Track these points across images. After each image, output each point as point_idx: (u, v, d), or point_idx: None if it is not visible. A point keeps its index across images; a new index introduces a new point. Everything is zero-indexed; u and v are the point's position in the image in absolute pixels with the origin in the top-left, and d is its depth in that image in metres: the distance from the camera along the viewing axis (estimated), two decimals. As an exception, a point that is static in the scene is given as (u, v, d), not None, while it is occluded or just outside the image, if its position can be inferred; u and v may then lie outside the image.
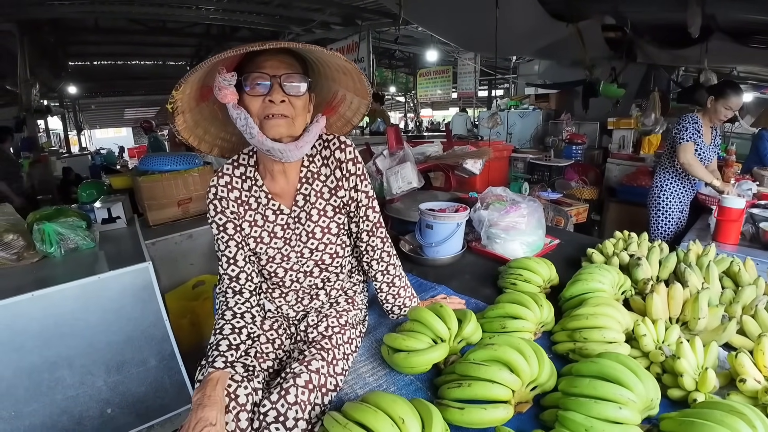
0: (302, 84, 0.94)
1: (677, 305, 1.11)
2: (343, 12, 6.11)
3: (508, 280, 1.35)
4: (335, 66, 1.02)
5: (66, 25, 6.52)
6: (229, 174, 1.05)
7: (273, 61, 0.91)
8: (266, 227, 1.07)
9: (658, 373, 0.93)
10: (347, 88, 1.09)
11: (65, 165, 6.91)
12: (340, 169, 1.06)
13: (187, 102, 0.96)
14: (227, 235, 1.03)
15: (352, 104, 1.13)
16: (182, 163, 2.70)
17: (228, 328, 0.97)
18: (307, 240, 1.09)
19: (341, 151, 1.06)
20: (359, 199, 1.09)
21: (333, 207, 1.09)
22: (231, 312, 1.00)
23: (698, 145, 2.58)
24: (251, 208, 1.06)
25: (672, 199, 2.77)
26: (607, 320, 1.01)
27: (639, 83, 5.77)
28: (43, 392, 1.59)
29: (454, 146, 2.69)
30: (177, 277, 2.45)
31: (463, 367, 0.87)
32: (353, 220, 1.13)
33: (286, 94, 0.92)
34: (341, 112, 1.16)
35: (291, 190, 1.07)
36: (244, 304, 1.03)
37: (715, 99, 2.51)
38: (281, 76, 0.91)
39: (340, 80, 1.07)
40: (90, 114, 15.50)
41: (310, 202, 1.08)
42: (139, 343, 1.74)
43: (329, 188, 1.08)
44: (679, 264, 1.33)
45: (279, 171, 1.04)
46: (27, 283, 1.62)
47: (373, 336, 1.20)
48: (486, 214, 1.68)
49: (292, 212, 1.08)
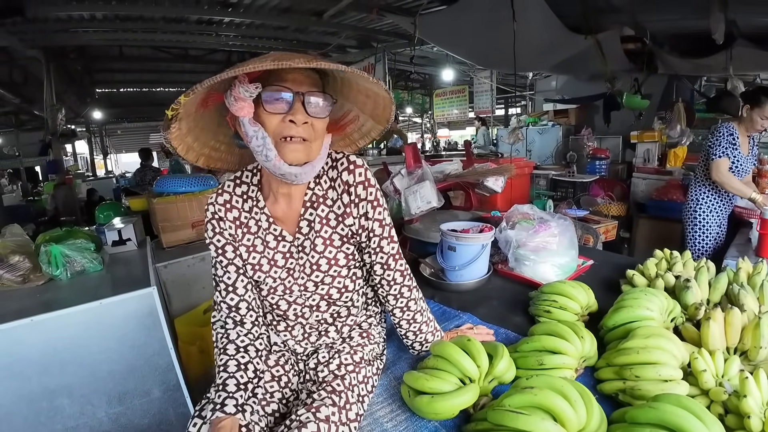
0: (327, 104, 0.84)
1: (735, 332, 0.97)
2: (359, 35, 6.16)
3: (542, 307, 1.21)
4: (362, 89, 0.92)
5: (92, 53, 6.77)
6: (230, 192, 0.95)
7: (296, 75, 0.81)
8: (266, 254, 0.96)
9: (720, 413, 0.80)
10: (363, 110, 0.98)
11: (89, 187, 7.10)
12: (348, 193, 0.94)
13: (186, 108, 0.87)
14: (226, 258, 0.93)
15: (363, 127, 1.02)
16: (197, 184, 2.68)
17: (233, 365, 0.88)
18: (311, 272, 0.97)
19: (349, 173, 0.93)
20: (371, 228, 0.96)
21: (340, 236, 0.96)
22: (234, 346, 0.91)
23: (735, 157, 2.42)
24: (250, 231, 0.95)
25: (709, 213, 2.60)
26: (662, 354, 0.88)
27: (661, 95, 5.62)
28: (41, 422, 1.51)
29: (475, 164, 2.60)
30: (188, 301, 2.38)
31: (498, 415, 0.74)
32: (365, 251, 0.99)
33: (309, 116, 0.81)
34: (348, 132, 1.04)
35: (294, 215, 0.96)
36: (246, 336, 0.93)
37: (751, 108, 2.36)
38: (305, 94, 0.80)
39: (356, 101, 0.96)
40: (116, 138, 16.08)
41: (314, 230, 0.95)
42: (142, 372, 1.65)
43: (336, 215, 0.96)
44: (731, 285, 1.20)
45: (284, 193, 0.93)
46: (29, 306, 1.56)
47: (391, 373, 1.07)
48: (513, 234, 1.55)
49: (296, 239, 0.96)
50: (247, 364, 0.89)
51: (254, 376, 0.89)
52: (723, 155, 2.41)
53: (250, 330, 0.94)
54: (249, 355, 0.90)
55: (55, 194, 6.10)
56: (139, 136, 17.05)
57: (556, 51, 4.55)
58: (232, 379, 0.85)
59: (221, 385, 0.84)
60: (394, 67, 7.46)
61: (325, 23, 5.20)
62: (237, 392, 0.83)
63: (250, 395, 0.87)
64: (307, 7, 4.87)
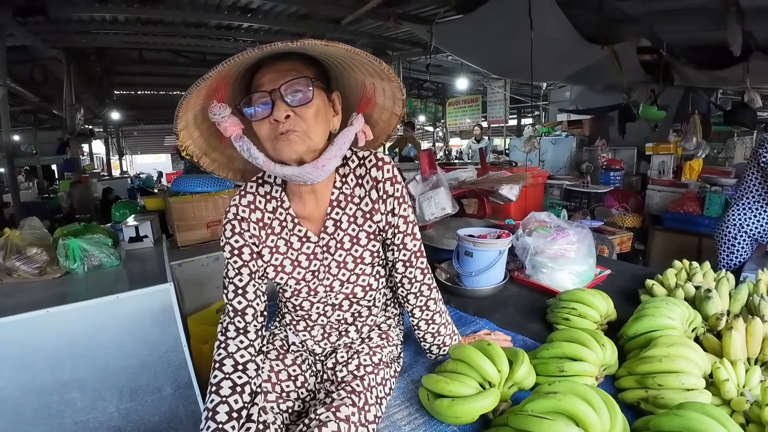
0: (307, 89, 0.79)
1: (757, 343, 0.97)
2: (374, 42, 6.20)
3: (560, 314, 1.20)
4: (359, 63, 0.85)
5: (112, 55, 6.88)
6: (253, 192, 0.93)
7: (271, 74, 0.79)
8: (289, 254, 0.95)
9: (741, 423, 0.79)
10: (371, 75, 0.89)
11: (105, 186, 7.22)
12: (376, 189, 0.92)
13: (206, 143, 0.90)
14: (241, 260, 0.91)
15: (385, 91, 0.94)
16: (214, 185, 2.71)
17: (227, 386, 0.81)
18: (338, 272, 0.96)
19: (378, 169, 0.92)
20: (397, 224, 0.95)
21: (367, 233, 0.95)
22: (232, 361, 0.84)
23: None
24: (274, 232, 0.94)
25: (748, 235, 2.41)
26: (685, 363, 0.87)
27: (677, 107, 5.59)
28: (51, 414, 1.50)
29: (489, 171, 2.59)
30: (201, 300, 2.40)
31: (520, 420, 0.72)
32: (389, 247, 0.99)
33: (290, 107, 0.78)
34: (379, 103, 0.97)
35: (320, 214, 0.94)
36: (247, 349, 0.87)
37: None
38: (280, 88, 0.77)
39: (360, 68, 0.88)
40: (132, 140, 16.32)
41: (341, 229, 0.94)
42: (155, 368, 1.65)
43: (363, 212, 0.94)
44: (751, 296, 1.19)
45: (308, 191, 0.91)
46: (45, 298, 1.57)
47: (408, 376, 1.06)
48: (531, 240, 1.53)
49: (320, 240, 0.95)
50: (244, 385, 0.82)
51: (250, 400, 0.82)
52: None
53: (253, 342, 0.89)
54: (247, 374, 0.84)
55: (71, 192, 6.21)
56: (155, 138, 17.31)
57: (572, 61, 4.56)
58: (224, 405, 0.78)
59: (211, 412, 0.78)
60: (408, 75, 7.50)
61: (341, 30, 5.25)
62: (228, 422, 0.76)
63: (245, 422, 0.79)
64: (324, 14, 4.92)
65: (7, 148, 4.28)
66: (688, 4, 3.37)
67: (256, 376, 0.87)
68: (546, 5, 3.31)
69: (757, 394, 0.81)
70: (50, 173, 10.89)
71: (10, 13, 3.87)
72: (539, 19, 3.32)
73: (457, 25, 4.11)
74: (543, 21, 3.38)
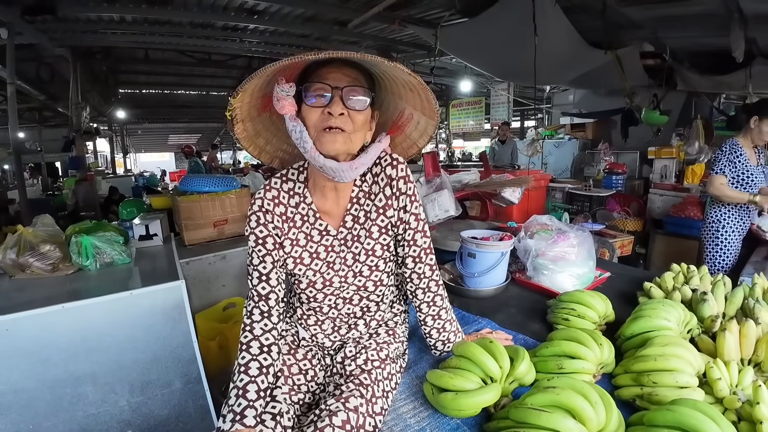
0: (365, 98, 0.88)
1: (750, 344, 1.00)
2: (379, 44, 6.24)
3: (560, 315, 1.24)
4: (401, 81, 0.94)
5: (118, 54, 6.94)
6: (277, 188, 0.99)
7: (336, 73, 0.87)
8: (308, 247, 1.01)
9: (733, 420, 0.82)
10: (414, 107, 1.01)
11: (111, 185, 7.26)
12: (390, 186, 0.99)
13: (248, 111, 0.94)
14: (265, 249, 0.97)
15: (419, 124, 1.05)
16: (221, 185, 2.76)
17: (255, 367, 0.88)
18: (353, 263, 1.02)
19: (392, 167, 0.99)
20: (408, 220, 1.01)
21: (379, 227, 1.01)
22: (258, 343, 0.91)
23: (744, 171, 2.47)
24: (295, 226, 1.00)
25: (730, 231, 2.60)
26: (679, 362, 0.90)
27: (680, 111, 5.61)
28: (64, 408, 1.54)
29: (492, 174, 2.62)
30: (208, 298, 2.44)
31: (520, 413, 0.77)
32: (399, 243, 1.04)
33: (346, 107, 0.86)
34: (407, 133, 1.08)
35: (341, 210, 1.01)
36: (271, 332, 0.94)
37: (759, 119, 2.39)
38: (343, 89, 0.86)
39: (407, 97, 1.00)
40: (136, 138, 16.41)
41: (358, 223, 1.01)
42: (165, 363, 1.69)
43: (377, 207, 1.01)
44: (746, 299, 1.22)
45: (331, 188, 0.98)
46: (59, 294, 1.61)
47: (413, 371, 1.10)
48: (533, 243, 1.57)
49: (339, 233, 1.01)
50: (269, 367, 0.89)
51: (274, 380, 0.90)
52: (720, 172, 2.48)
53: (275, 325, 0.95)
54: (272, 356, 0.91)
55: (76, 189, 6.24)
56: (159, 136, 17.39)
57: (575, 65, 4.58)
58: (253, 384, 0.85)
59: (242, 390, 0.84)
60: (412, 77, 7.51)
61: (347, 33, 5.29)
62: (257, 400, 0.83)
63: (269, 400, 0.87)
64: (330, 16, 4.96)
65: (14, 145, 4.34)
66: (691, 10, 3.40)
67: (278, 359, 0.94)
68: (550, 11, 3.34)
69: (750, 393, 0.84)
70: (54, 170, 10.96)
71: (18, 12, 3.91)
72: (543, 23, 3.35)
73: (462, 28, 4.15)
74: (547, 26, 3.42)
